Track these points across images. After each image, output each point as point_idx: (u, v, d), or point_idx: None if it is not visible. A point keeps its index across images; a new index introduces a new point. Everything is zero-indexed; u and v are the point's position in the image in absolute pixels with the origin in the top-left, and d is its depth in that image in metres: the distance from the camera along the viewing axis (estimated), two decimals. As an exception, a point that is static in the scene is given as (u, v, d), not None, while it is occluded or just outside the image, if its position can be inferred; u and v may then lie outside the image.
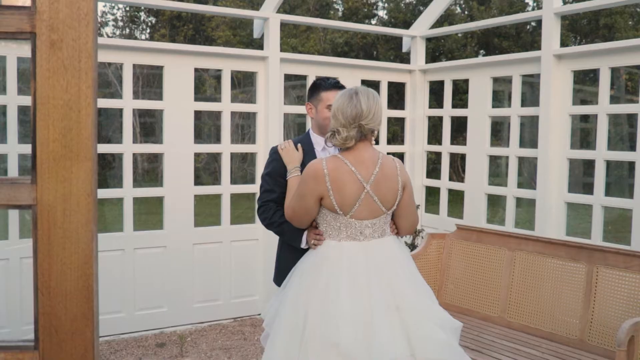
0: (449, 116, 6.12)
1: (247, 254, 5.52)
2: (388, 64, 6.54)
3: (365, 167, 2.60)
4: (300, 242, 2.84)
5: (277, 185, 2.99)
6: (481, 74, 5.65)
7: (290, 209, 2.71)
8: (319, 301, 2.48)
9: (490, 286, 4.27)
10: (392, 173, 2.66)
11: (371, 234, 2.62)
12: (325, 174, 2.55)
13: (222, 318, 5.43)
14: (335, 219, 2.61)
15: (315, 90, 3.13)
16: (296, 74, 5.86)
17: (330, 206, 2.59)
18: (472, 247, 4.45)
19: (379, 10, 18.93)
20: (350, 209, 2.58)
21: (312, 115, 3.15)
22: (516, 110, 5.33)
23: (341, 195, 2.56)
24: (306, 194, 2.60)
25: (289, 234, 2.88)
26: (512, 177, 5.39)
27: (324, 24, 6.99)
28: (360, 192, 2.57)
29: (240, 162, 15.12)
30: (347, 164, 2.58)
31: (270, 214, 2.96)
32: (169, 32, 17.57)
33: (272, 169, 3.02)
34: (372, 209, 2.60)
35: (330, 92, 3.04)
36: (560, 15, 4.97)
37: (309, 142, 3.11)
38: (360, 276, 2.51)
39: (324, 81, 3.13)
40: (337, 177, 2.56)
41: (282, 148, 3.02)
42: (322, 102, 3.06)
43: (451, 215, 6.13)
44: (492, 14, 15.77)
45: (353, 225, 2.60)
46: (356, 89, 2.65)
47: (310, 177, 2.59)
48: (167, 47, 5.25)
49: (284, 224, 2.90)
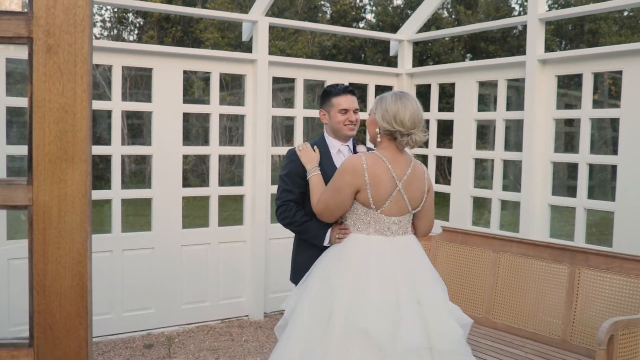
0: (435, 119, 6.18)
1: (235, 255, 5.54)
2: (376, 68, 6.59)
3: (400, 166, 2.77)
4: (323, 240, 2.98)
5: (295, 185, 3.12)
6: (467, 78, 5.72)
7: (322, 203, 2.83)
8: (347, 290, 2.59)
9: (475, 287, 4.33)
10: (421, 176, 2.84)
11: (397, 230, 2.77)
12: (365, 169, 2.69)
13: (210, 319, 5.45)
14: (366, 214, 2.74)
15: (326, 97, 3.29)
16: (284, 77, 5.89)
17: (364, 200, 2.72)
18: (458, 249, 4.51)
19: (366, 13, 19.03)
20: (382, 205, 2.72)
21: (325, 120, 3.30)
22: (501, 114, 5.40)
23: (377, 190, 2.70)
24: (342, 187, 2.72)
25: (313, 232, 3.02)
26: (497, 180, 5.46)
27: (313, 28, 7.03)
28: (393, 190, 2.73)
29: (228, 164, 15.11)
30: (385, 161, 2.74)
31: (292, 213, 3.09)
32: (157, 33, 17.55)
33: (290, 169, 3.15)
34: (400, 206, 2.76)
35: (341, 97, 3.23)
36: (544, 21, 5.05)
37: (324, 145, 3.26)
38: (388, 269, 2.64)
39: (333, 87, 3.30)
40: (375, 172, 2.70)
41: (300, 150, 3.15)
42: (334, 107, 3.23)
43: (437, 217, 6.17)
44: (479, 18, 15.90)
45: (382, 220, 2.74)
46: (413, 96, 2.83)
47: (348, 170, 2.72)
48: (156, 49, 5.26)
49: (306, 222, 3.05)
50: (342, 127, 3.21)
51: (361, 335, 2.49)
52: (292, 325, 2.69)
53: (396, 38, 6.52)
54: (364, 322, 2.48)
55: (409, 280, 2.64)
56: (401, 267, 2.67)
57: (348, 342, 2.49)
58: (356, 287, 2.59)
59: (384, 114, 2.74)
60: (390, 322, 2.50)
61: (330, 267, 2.74)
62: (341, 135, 3.25)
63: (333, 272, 2.70)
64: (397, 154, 2.80)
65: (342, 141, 3.27)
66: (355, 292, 2.58)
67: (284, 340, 2.69)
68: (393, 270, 2.64)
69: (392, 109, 2.73)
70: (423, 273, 2.74)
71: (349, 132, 3.23)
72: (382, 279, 2.60)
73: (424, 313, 2.58)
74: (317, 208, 2.87)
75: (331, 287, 2.64)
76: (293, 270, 3.28)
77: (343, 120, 3.20)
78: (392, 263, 2.67)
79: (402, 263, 2.69)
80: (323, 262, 2.81)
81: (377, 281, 2.59)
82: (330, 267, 2.74)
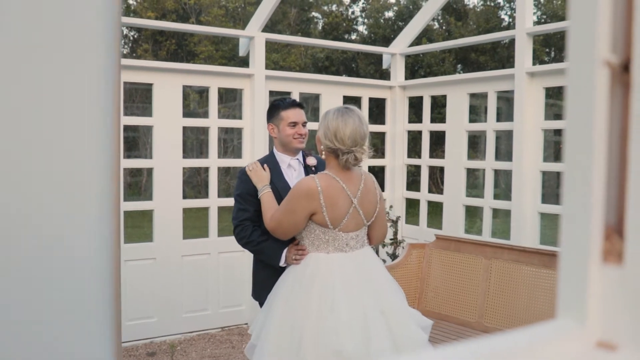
0: (427, 130, 6.35)
1: (234, 265, 5.67)
2: (369, 81, 6.77)
3: (353, 183, 2.78)
4: (279, 261, 2.96)
5: (249, 204, 3.12)
6: (458, 90, 5.90)
7: (275, 221, 2.80)
8: (314, 311, 2.61)
9: (468, 293, 4.48)
10: (372, 188, 2.87)
11: (354, 245, 2.80)
12: (320, 191, 2.68)
13: (211, 327, 5.58)
14: (324, 233, 2.75)
15: (275, 110, 3.29)
16: (280, 90, 6.06)
17: (321, 221, 2.72)
18: (451, 256, 4.67)
19: (359, 25, 19.25)
20: (339, 223, 2.74)
21: (274, 134, 3.30)
22: (491, 125, 5.57)
23: (332, 211, 2.71)
24: (297, 210, 2.71)
25: (268, 252, 3.01)
26: (488, 188, 5.62)
27: (308, 43, 7.21)
28: (349, 207, 2.75)
29: (223, 176, 15.23)
30: (339, 181, 2.74)
31: (248, 232, 3.08)
32: (152, 47, 17.71)
33: (242, 189, 3.15)
34: (357, 221, 2.79)
35: (289, 111, 3.24)
36: (532, 35, 5.24)
37: (274, 161, 3.26)
38: (353, 285, 2.67)
39: (282, 101, 3.30)
40: (331, 193, 2.70)
41: (250, 170, 3.13)
42: (284, 120, 3.23)
43: (431, 226, 6.34)
44: (469, 29, 16.15)
45: (340, 237, 2.75)
46: (357, 112, 2.82)
47: (303, 194, 2.70)
48: (157, 65, 5.42)
49: (262, 242, 3.04)
50: (291, 140, 3.22)
51: (336, 356, 2.51)
52: (261, 349, 2.69)
53: (389, 52, 6.70)
54: (337, 344, 2.50)
55: (371, 292, 2.69)
56: (364, 281, 2.71)
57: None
58: (323, 307, 2.60)
59: (326, 131, 2.72)
60: (360, 337, 2.55)
61: (294, 288, 2.74)
62: (291, 149, 3.25)
63: (297, 293, 2.70)
64: (347, 170, 2.78)
65: (291, 155, 3.28)
66: (322, 313, 2.59)
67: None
68: (358, 286, 2.68)
69: (333, 126, 2.69)
70: (383, 284, 2.80)
71: (299, 144, 3.24)
72: (349, 296, 2.63)
73: (388, 321, 2.65)
74: (269, 225, 2.84)
75: (297, 308, 2.65)
76: (254, 286, 3.30)
77: (292, 134, 3.21)
78: (356, 278, 2.70)
79: (363, 276, 2.73)
80: (286, 283, 2.80)
81: (344, 299, 2.61)
82: (294, 288, 2.73)
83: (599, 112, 0.49)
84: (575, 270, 0.53)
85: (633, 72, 0.48)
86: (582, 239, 0.52)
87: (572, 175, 0.52)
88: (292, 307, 2.68)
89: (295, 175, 3.27)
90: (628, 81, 0.49)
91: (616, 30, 0.47)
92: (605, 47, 0.48)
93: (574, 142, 0.51)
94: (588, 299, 0.53)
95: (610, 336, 0.52)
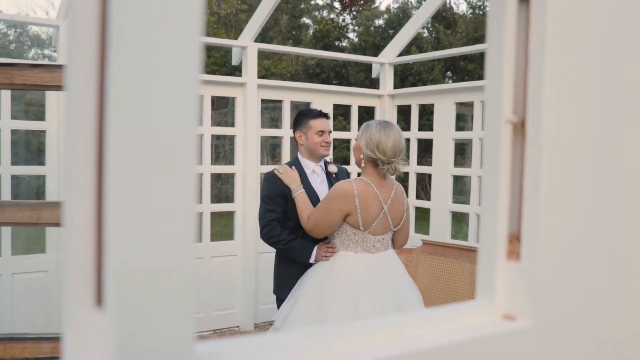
0: (415, 138, 6.51)
1: (227, 269, 5.80)
2: (359, 90, 6.94)
3: (385, 190, 3.03)
4: (309, 258, 3.18)
5: (277, 205, 3.33)
6: (445, 99, 6.07)
7: (312, 221, 3.05)
8: (339, 304, 2.86)
9: (454, 296, 4.63)
10: (401, 197, 3.12)
11: (380, 247, 3.05)
12: (355, 194, 2.94)
13: (203, 330, 5.70)
14: (355, 234, 2.99)
15: (303, 119, 3.53)
16: (272, 99, 6.21)
17: (354, 222, 2.97)
18: (437, 261, 4.82)
19: (349, 32, 19.46)
20: (370, 226, 2.98)
21: (302, 142, 3.52)
22: (477, 133, 5.74)
23: (366, 214, 2.96)
24: (333, 210, 2.97)
25: (298, 250, 3.23)
26: (474, 195, 5.78)
27: (299, 52, 7.37)
28: (380, 212, 2.99)
29: (214, 181, 15.35)
30: (373, 187, 2.98)
31: (278, 232, 3.29)
32: (143, 52, 17.76)
33: (271, 191, 3.36)
34: (384, 226, 3.04)
35: (317, 120, 3.48)
36: (516, 47, 5.40)
37: (299, 166, 3.47)
38: (376, 283, 2.92)
39: (310, 111, 3.55)
40: (365, 197, 2.96)
41: (280, 172, 3.35)
42: (312, 129, 3.47)
43: (418, 231, 6.48)
44: (459, 37, 16.38)
45: (369, 239, 3.01)
46: (396, 126, 3.05)
47: (340, 195, 2.96)
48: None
49: (291, 241, 3.26)
50: (318, 147, 3.46)
51: None
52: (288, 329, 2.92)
53: (378, 61, 6.86)
54: None
55: (393, 290, 2.95)
56: (386, 280, 2.97)
57: None
58: (348, 300, 2.85)
59: (368, 142, 2.97)
60: None
61: (322, 281, 2.98)
62: (317, 155, 3.50)
63: (324, 286, 2.95)
64: (382, 179, 3.03)
65: (316, 161, 3.52)
66: (346, 306, 2.84)
67: None
68: (380, 283, 2.93)
69: (376, 138, 2.95)
70: (403, 284, 3.05)
71: (325, 151, 3.50)
72: (373, 292, 2.88)
73: None
74: (307, 225, 3.09)
75: (323, 298, 2.89)
76: (277, 283, 3.48)
77: (320, 142, 3.45)
78: (379, 276, 2.96)
79: (387, 276, 2.99)
80: (314, 276, 3.04)
81: (367, 294, 2.86)
82: (322, 282, 2.98)
83: (504, 157, 0.72)
84: (488, 265, 0.75)
85: (527, 128, 0.69)
86: (493, 242, 0.74)
87: (486, 199, 0.75)
88: (319, 297, 2.92)
89: (318, 180, 3.50)
90: (524, 134, 0.70)
91: (516, 99, 0.66)
92: (508, 110, 0.67)
93: (485, 177, 0.75)
94: (496, 285, 0.74)
95: (512, 310, 0.74)
